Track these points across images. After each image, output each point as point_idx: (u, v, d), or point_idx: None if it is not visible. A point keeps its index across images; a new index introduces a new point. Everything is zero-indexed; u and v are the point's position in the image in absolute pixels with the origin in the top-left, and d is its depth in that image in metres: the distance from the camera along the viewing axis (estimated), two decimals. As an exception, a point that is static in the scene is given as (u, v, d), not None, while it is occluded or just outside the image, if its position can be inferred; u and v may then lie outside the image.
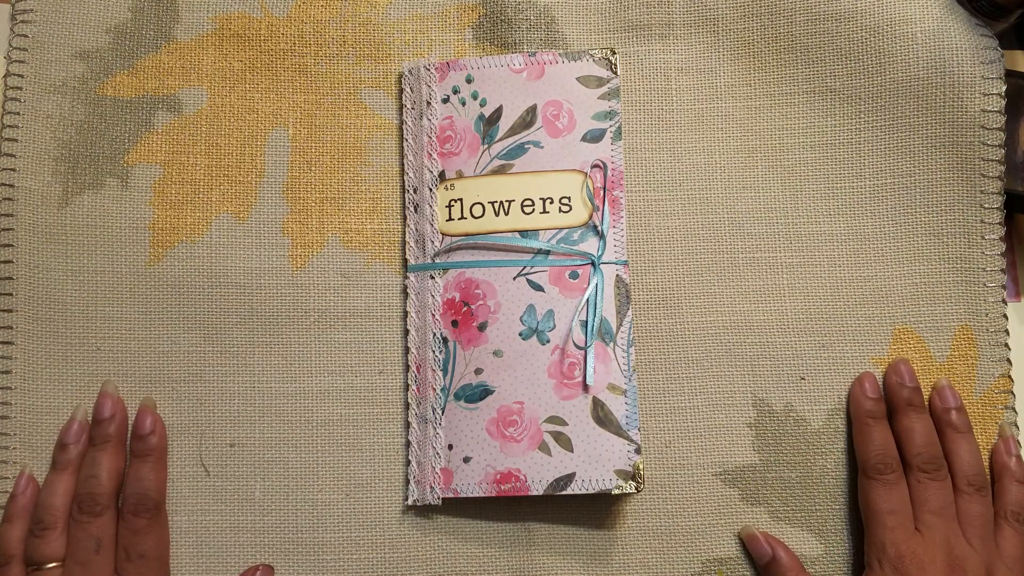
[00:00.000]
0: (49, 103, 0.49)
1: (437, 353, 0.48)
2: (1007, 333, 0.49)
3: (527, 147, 0.48)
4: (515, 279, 0.48)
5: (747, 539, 0.47)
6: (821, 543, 0.47)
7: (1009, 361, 0.49)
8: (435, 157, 0.49)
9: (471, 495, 0.46)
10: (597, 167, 0.48)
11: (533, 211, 0.48)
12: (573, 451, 0.46)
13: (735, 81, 0.51)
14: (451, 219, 0.49)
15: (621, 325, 0.47)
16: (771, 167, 0.50)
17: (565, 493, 0.45)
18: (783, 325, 0.49)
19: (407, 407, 0.48)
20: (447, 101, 0.49)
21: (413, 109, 0.50)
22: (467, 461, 0.46)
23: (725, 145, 0.50)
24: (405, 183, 0.50)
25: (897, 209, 0.49)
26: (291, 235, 0.49)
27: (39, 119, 0.49)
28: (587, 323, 0.47)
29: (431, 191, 0.49)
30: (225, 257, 0.49)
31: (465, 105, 0.49)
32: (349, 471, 0.48)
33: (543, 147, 0.48)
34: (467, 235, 0.48)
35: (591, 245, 0.47)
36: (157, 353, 0.48)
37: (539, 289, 0.47)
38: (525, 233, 0.48)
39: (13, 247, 0.48)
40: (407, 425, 0.48)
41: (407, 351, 0.49)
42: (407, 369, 0.49)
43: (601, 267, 0.47)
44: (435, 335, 0.48)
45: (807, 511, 0.48)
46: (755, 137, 0.50)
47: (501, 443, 0.46)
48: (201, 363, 0.48)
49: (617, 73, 0.49)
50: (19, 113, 0.49)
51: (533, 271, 0.47)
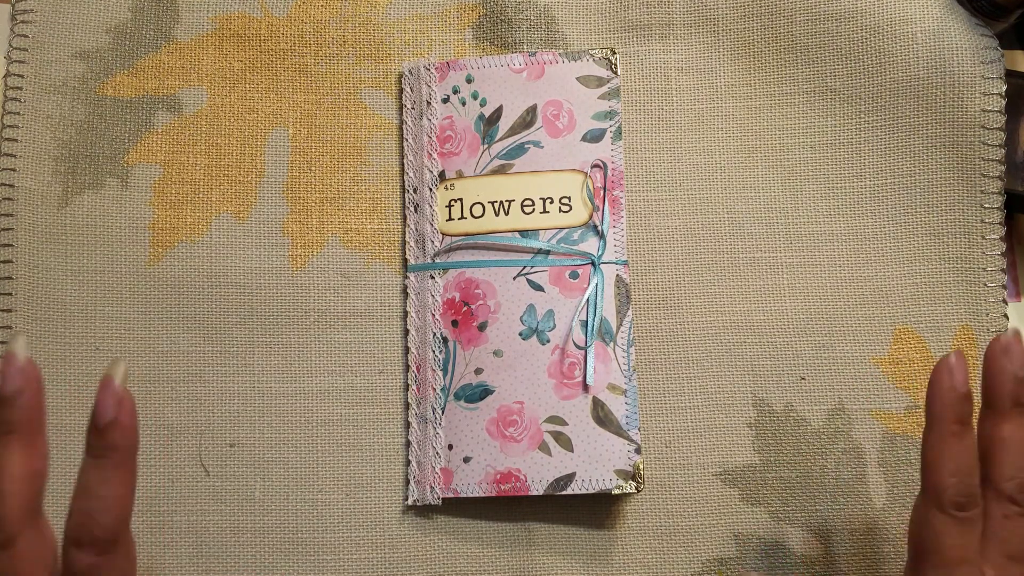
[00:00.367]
0: (49, 103, 0.49)
1: (437, 353, 0.48)
2: (1007, 333, 0.49)
3: (527, 147, 0.48)
4: (515, 279, 0.48)
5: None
6: (821, 543, 0.47)
7: None
8: (435, 157, 0.49)
9: (471, 495, 0.46)
10: (597, 167, 0.48)
11: (533, 211, 0.48)
12: (573, 451, 0.46)
13: (735, 81, 0.51)
14: (451, 219, 0.49)
15: (621, 325, 0.47)
16: (771, 167, 0.50)
17: (565, 493, 0.45)
18: (783, 325, 0.49)
19: (407, 407, 0.48)
20: (447, 101, 0.49)
21: (413, 109, 0.50)
22: (467, 461, 0.46)
23: (725, 145, 0.50)
24: (405, 183, 0.50)
25: (897, 209, 0.49)
26: (291, 235, 0.49)
27: (39, 119, 0.49)
28: (587, 323, 0.47)
29: (431, 191, 0.49)
30: (225, 257, 0.49)
31: (465, 105, 0.49)
32: (349, 471, 0.48)
33: (543, 147, 0.48)
34: (467, 235, 0.48)
35: (591, 245, 0.47)
36: (157, 353, 0.48)
37: (539, 289, 0.47)
38: (525, 233, 0.48)
39: (13, 247, 0.48)
40: (407, 425, 0.48)
41: (407, 351, 0.49)
42: (407, 369, 0.49)
43: (601, 267, 0.47)
44: (435, 335, 0.48)
45: (807, 511, 0.48)
46: (755, 137, 0.50)
47: (501, 443, 0.46)
48: (201, 363, 0.48)
49: (617, 73, 0.49)
50: (19, 113, 0.49)
51: (533, 271, 0.47)
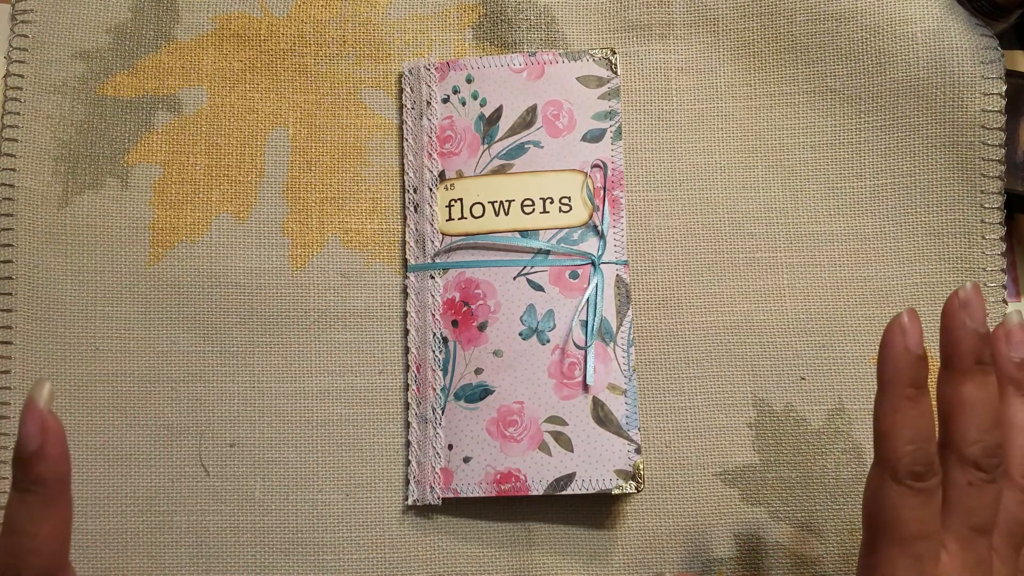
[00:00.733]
0: (49, 103, 0.49)
1: (437, 353, 0.48)
2: (1007, 333, 0.49)
3: (527, 147, 0.48)
4: (515, 279, 0.48)
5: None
6: (821, 543, 0.47)
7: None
8: (435, 157, 0.49)
9: (471, 495, 0.46)
10: (597, 167, 0.48)
11: (533, 211, 0.48)
12: (573, 451, 0.46)
13: (735, 81, 0.51)
14: (451, 219, 0.49)
15: (621, 325, 0.47)
16: (771, 167, 0.50)
17: (565, 493, 0.45)
18: (783, 325, 0.49)
19: (407, 407, 0.48)
20: (447, 101, 0.49)
21: (413, 109, 0.50)
22: (467, 461, 0.46)
23: (725, 145, 0.50)
24: (405, 183, 0.50)
25: (897, 209, 0.49)
26: (291, 235, 0.49)
27: (39, 119, 0.49)
28: (587, 323, 0.47)
29: (431, 191, 0.49)
30: (225, 257, 0.49)
31: (465, 105, 0.49)
32: (349, 471, 0.48)
33: (543, 147, 0.48)
34: (467, 235, 0.48)
35: (591, 245, 0.47)
36: (157, 353, 0.48)
37: (539, 289, 0.47)
38: (525, 233, 0.48)
39: (13, 247, 0.48)
40: (407, 425, 0.48)
41: (407, 351, 0.49)
42: (407, 369, 0.49)
43: (601, 267, 0.47)
44: (435, 335, 0.48)
45: (807, 511, 0.48)
46: (755, 137, 0.50)
47: (501, 443, 0.46)
48: (201, 363, 0.48)
49: (617, 73, 0.49)
50: (19, 113, 0.49)
51: (533, 271, 0.47)
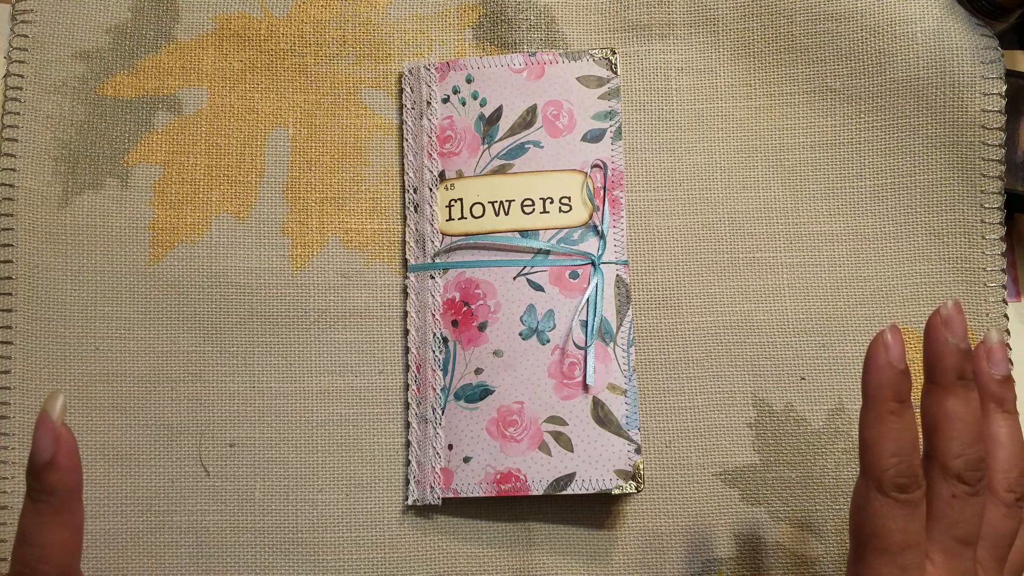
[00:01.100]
0: (49, 103, 0.49)
1: (437, 353, 0.48)
2: (1008, 333, 0.49)
3: (527, 147, 0.48)
4: (515, 279, 0.48)
5: None
6: (821, 543, 0.47)
7: (1010, 361, 0.49)
8: (435, 157, 0.49)
9: (471, 495, 0.46)
10: (597, 167, 0.48)
11: (533, 211, 0.48)
12: (573, 451, 0.46)
13: (735, 81, 0.51)
14: (451, 219, 0.49)
15: (621, 325, 0.47)
16: (771, 167, 0.50)
17: (565, 493, 0.45)
18: (783, 325, 0.49)
19: (407, 407, 0.48)
20: (447, 101, 0.49)
21: (413, 109, 0.50)
22: (467, 461, 0.46)
23: (725, 145, 0.50)
24: (405, 183, 0.50)
25: (897, 209, 0.49)
26: (291, 235, 0.49)
27: (39, 119, 0.49)
28: (587, 323, 0.47)
29: (431, 191, 0.49)
30: (225, 257, 0.49)
31: (465, 105, 0.49)
32: (349, 471, 0.48)
33: (543, 147, 0.48)
34: (467, 235, 0.48)
35: (591, 245, 0.47)
36: (157, 353, 0.48)
37: (539, 289, 0.47)
38: (525, 233, 0.48)
39: (13, 247, 0.48)
40: (407, 425, 0.48)
41: (407, 351, 0.49)
42: (407, 369, 0.49)
43: (601, 267, 0.47)
44: (435, 335, 0.48)
45: (807, 511, 0.48)
46: (755, 137, 0.50)
47: (501, 443, 0.46)
48: (201, 363, 0.48)
49: (617, 73, 0.49)
50: (19, 113, 0.49)
51: (533, 271, 0.47)
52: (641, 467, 0.45)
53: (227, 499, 0.47)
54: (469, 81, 0.49)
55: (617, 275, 0.47)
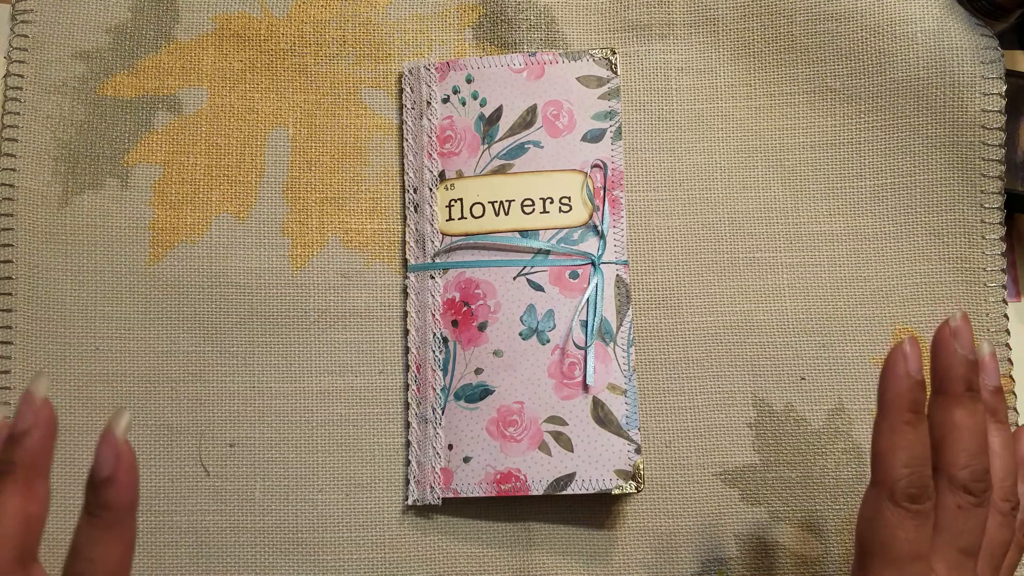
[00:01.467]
0: (49, 103, 0.49)
1: (437, 353, 0.48)
2: (1008, 333, 0.49)
3: (527, 147, 0.48)
4: (515, 279, 0.48)
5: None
6: (821, 543, 0.47)
7: (1010, 361, 0.49)
8: (435, 157, 0.49)
9: (471, 495, 0.46)
10: (597, 167, 0.48)
11: (533, 211, 0.48)
12: (573, 451, 0.46)
13: (735, 81, 0.51)
14: (451, 219, 0.49)
15: (621, 325, 0.47)
16: (771, 167, 0.50)
17: (565, 493, 0.45)
18: (783, 325, 0.49)
19: (407, 407, 0.48)
20: (447, 101, 0.49)
21: (413, 109, 0.50)
22: (467, 461, 0.46)
23: (725, 145, 0.50)
24: (405, 183, 0.50)
25: (897, 209, 0.49)
26: (291, 235, 0.49)
27: (39, 119, 0.49)
28: (587, 323, 0.47)
29: (431, 191, 0.49)
30: (225, 257, 0.49)
31: (465, 105, 0.49)
32: (349, 471, 0.48)
33: (543, 147, 0.48)
34: (467, 235, 0.48)
35: (591, 245, 0.47)
36: (157, 353, 0.48)
37: (539, 289, 0.47)
38: (525, 233, 0.48)
39: (13, 247, 0.48)
40: (407, 425, 0.48)
41: (407, 351, 0.49)
42: (407, 369, 0.49)
43: (601, 267, 0.47)
44: (435, 335, 0.48)
45: (807, 511, 0.48)
46: (755, 137, 0.50)
47: (501, 443, 0.46)
48: (201, 363, 0.48)
49: (617, 73, 0.49)
50: (19, 113, 0.49)
51: (533, 271, 0.47)
52: (641, 467, 0.45)
53: (227, 499, 0.47)
54: (469, 81, 0.49)
55: (617, 275, 0.47)
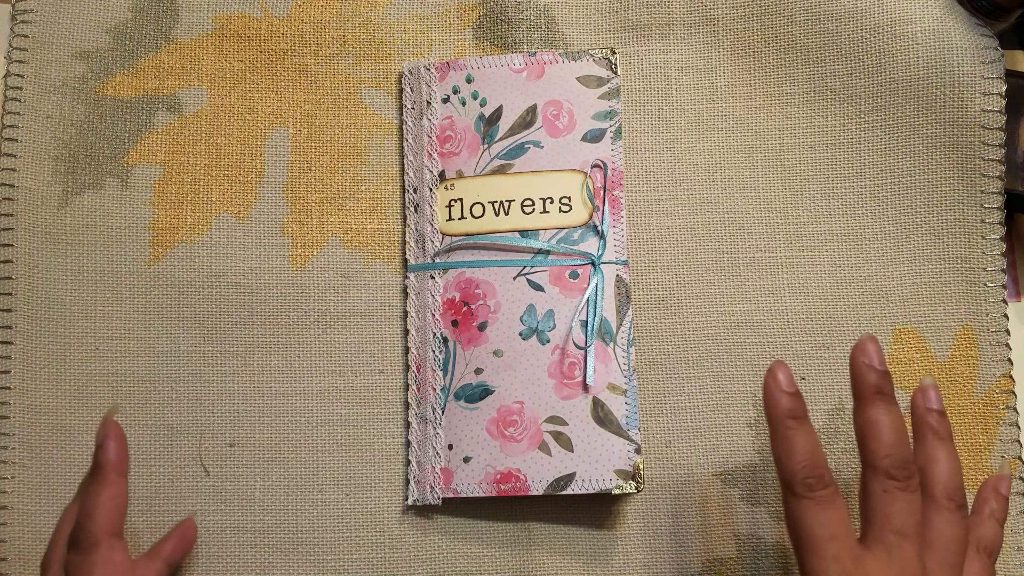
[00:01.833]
0: (49, 103, 0.49)
1: (437, 353, 0.48)
2: (1008, 333, 0.49)
3: (527, 147, 0.48)
4: (515, 279, 0.48)
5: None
6: (821, 543, 0.47)
7: (1010, 361, 0.49)
8: (435, 157, 0.49)
9: (471, 495, 0.46)
10: (597, 167, 0.48)
11: (533, 211, 0.48)
12: (573, 451, 0.46)
13: (735, 81, 0.51)
14: (451, 219, 0.49)
15: (621, 325, 0.47)
16: (771, 167, 0.50)
17: (565, 493, 0.45)
18: (783, 325, 0.49)
19: (407, 407, 0.48)
20: (447, 101, 0.49)
21: (413, 109, 0.50)
22: (467, 461, 0.46)
23: (725, 145, 0.50)
24: (405, 183, 0.50)
25: (897, 209, 0.49)
26: (291, 235, 0.49)
27: (39, 119, 0.49)
28: (587, 323, 0.47)
29: (431, 191, 0.49)
30: (225, 257, 0.49)
31: (465, 105, 0.49)
32: (349, 471, 0.48)
33: (543, 147, 0.48)
34: (467, 235, 0.48)
35: (591, 245, 0.47)
36: (157, 353, 0.48)
37: (539, 289, 0.47)
38: (525, 233, 0.48)
39: (13, 247, 0.48)
40: (407, 425, 0.48)
41: (407, 351, 0.49)
42: (407, 369, 0.49)
43: (601, 267, 0.47)
44: (435, 335, 0.48)
45: (807, 511, 0.48)
46: (755, 137, 0.50)
47: (501, 443, 0.46)
48: (201, 363, 0.48)
49: (617, 73, 0.49)
50: (19, 113, 0.49)
51: (533, 271, 0.47)
52: (641, 467, 0.45)
53: (227, 499, 0.47)
54: (469, 81, 0.49)
55: (617, 275, 0.47)
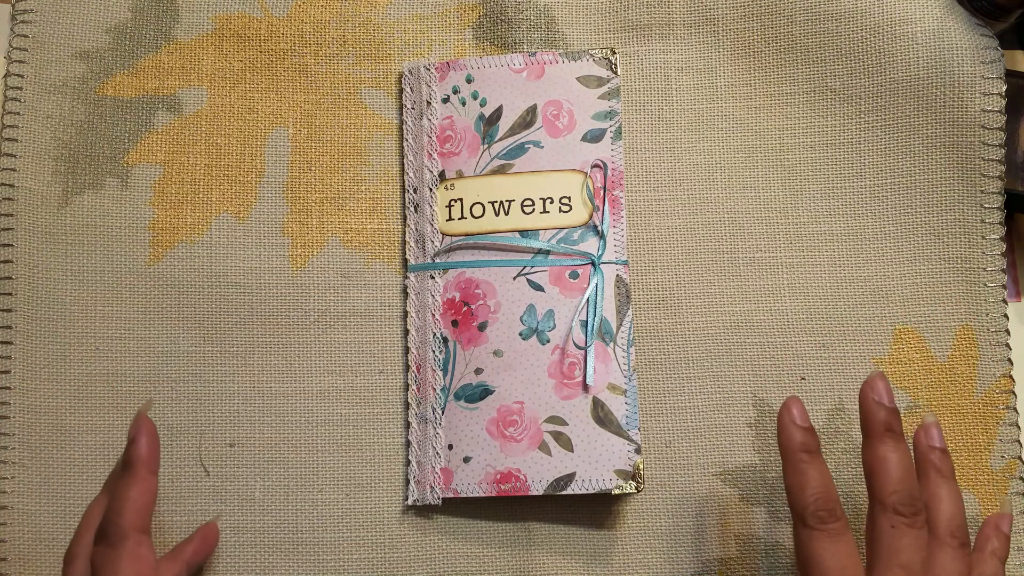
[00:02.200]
0: (49, 103, 0.49)
1: (437, 353, 0.48)
2: (1008, 333, 0.49)
3: (527, 147, 0.48)
4: (515, 279, 0.48)
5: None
6: (821, 543, 0.47)
7: (1010, 361, 0.49)
8: (435, 157, 0.49)
9: (471, 495, 0.46)
10: (597, 167, 0.48)
11: (533, 211, 0.48)
12: (573, 451, 0.46)
13: (735, 81, 0.51)
14: (451, 219, 0.49)
15: (621, 325, 0.47)
16: (771, 167, 0.50)
17: (565, 493, 0.45)
18: (783, 325, 0.49)
19: (407, 407, 0.48)
20: (447, 101, 0.49)
21: (413, 109, 0.50)
22: (467, 461, 0.46)
23: (725, 145, 0.50)
24: (405, 183, 0.50)
25: (897, 209, 0.49)
26: (291, 235, 0.49)
27: (39, 119, 0.49)
28: (587, 323, 0.47)
29: (431, 191, 0.49)
30: (225, 257, 0.49)
31: (465, 105, 0.49)
32: (349, 471, 0.48)
33: (543, 147, 0.48)
34: (467, 235, 0.48)
35: (591, 245, 0.47)
36: (157, 353, 0.48)
37: (539, 289, 0.47)
38: (525, 233, 0.48)
39: (13, 247, 0.48)
40: (407, 425, 0.48)
41: (407, 351, 0.49)
42: (407, 369, 0.49)
43: (601, 267, 0.47)
44: (435, 335, 0.48)
45: (807, 511, 0.48)
46: (755, 137, 0.50)
47: (501, 443, 0.46)
48: (201, 363, 0.48)
49: (617, 73, 0.49)
50: (19, 113, 0.49)
51: (533, 271, 0.47)
52: (641, 467, 0.45)
53: (227, 499, 0.47)
54: (469, 81, 0.49)
55: (617, 275, 0.47)
